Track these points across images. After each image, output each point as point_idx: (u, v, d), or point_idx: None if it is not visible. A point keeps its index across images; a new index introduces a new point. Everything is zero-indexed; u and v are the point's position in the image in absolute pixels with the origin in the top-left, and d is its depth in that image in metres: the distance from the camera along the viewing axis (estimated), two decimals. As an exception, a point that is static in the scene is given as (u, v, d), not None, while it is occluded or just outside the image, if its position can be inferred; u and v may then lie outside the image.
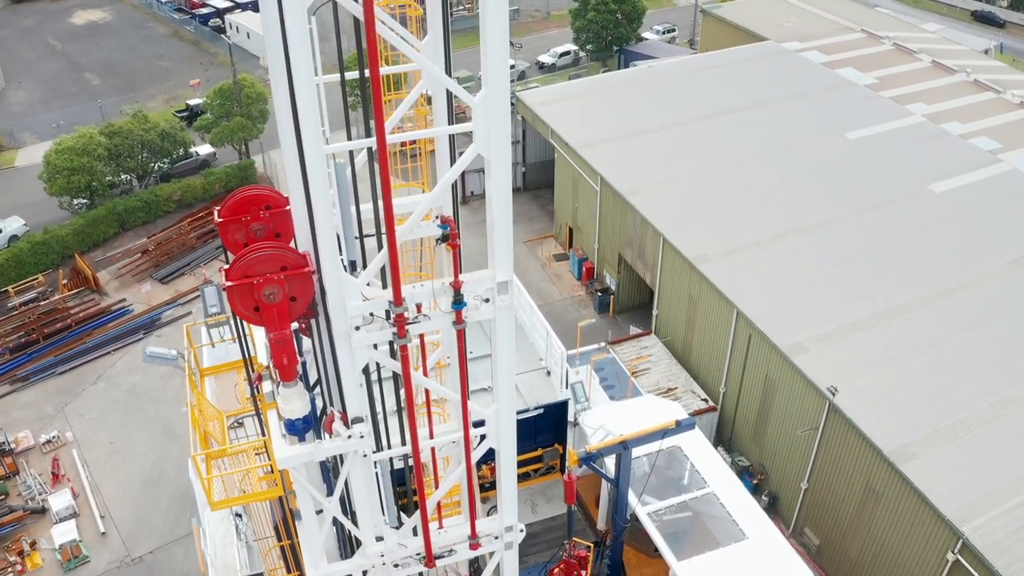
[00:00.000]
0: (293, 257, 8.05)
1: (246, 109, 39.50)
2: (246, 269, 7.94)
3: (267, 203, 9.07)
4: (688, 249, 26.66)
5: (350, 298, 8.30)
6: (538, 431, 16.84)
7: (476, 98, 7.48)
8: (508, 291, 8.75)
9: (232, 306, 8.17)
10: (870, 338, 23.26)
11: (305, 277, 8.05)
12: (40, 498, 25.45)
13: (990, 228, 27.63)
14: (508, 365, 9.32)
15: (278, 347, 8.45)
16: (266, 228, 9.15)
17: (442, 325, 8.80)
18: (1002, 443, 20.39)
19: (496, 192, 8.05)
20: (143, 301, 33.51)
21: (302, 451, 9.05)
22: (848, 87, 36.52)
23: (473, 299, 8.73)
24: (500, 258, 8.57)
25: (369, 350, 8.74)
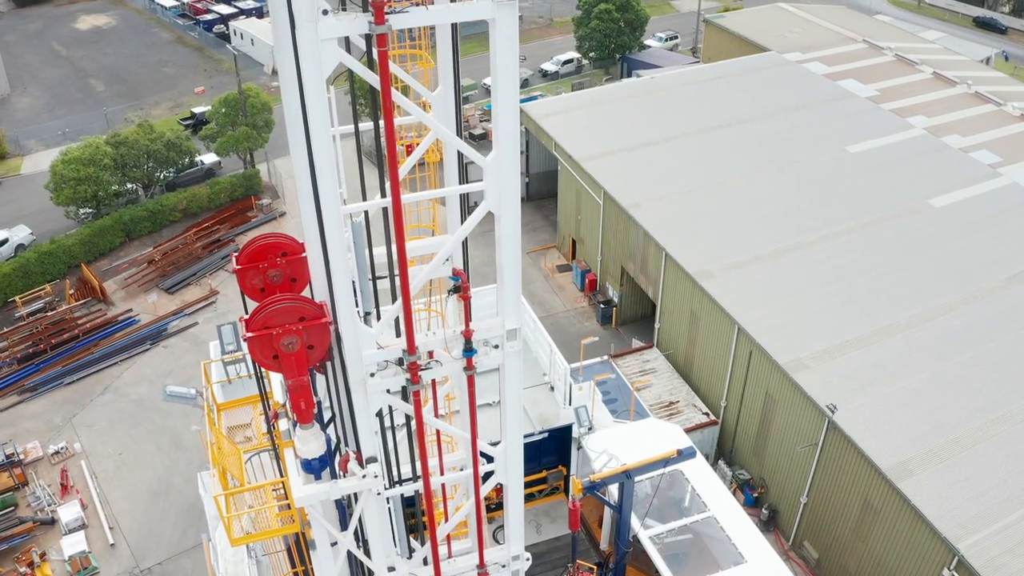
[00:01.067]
0: (311, 308, 8.35)
1: (251, 119, 39.79)
2: (266, 320, 8.26)
3: (283, 250, 9.39)
4: (690, 265, 26.95)
5: (365, 347, 8.61)
6: (543, 453, 17.16)
7: (487, 159, 7.79)
8: (517, 337, 9.06)
9: (252, 354, 8.48)
10: (869, 355, 23.56)
11: (322, 327, 8.36)
12: (49, 509, 25.80)
13: (989, 243, 27.91)
14: (516, 406, 9.63)
15: (296, 393, 8.76)
16: (282, 274, 9.47)
17: (453, 371, 9.11)
18: (997, 461, 20.71)
19: (505, 245, 8.36)
20: (149, 311, 33.83)
21: (319, 490, 9.38)
22: (849, 99, 36.76)
23: (483, 346, 9.04)
24: (509, 307, 8.88)
25: (383, 394, 9.06)
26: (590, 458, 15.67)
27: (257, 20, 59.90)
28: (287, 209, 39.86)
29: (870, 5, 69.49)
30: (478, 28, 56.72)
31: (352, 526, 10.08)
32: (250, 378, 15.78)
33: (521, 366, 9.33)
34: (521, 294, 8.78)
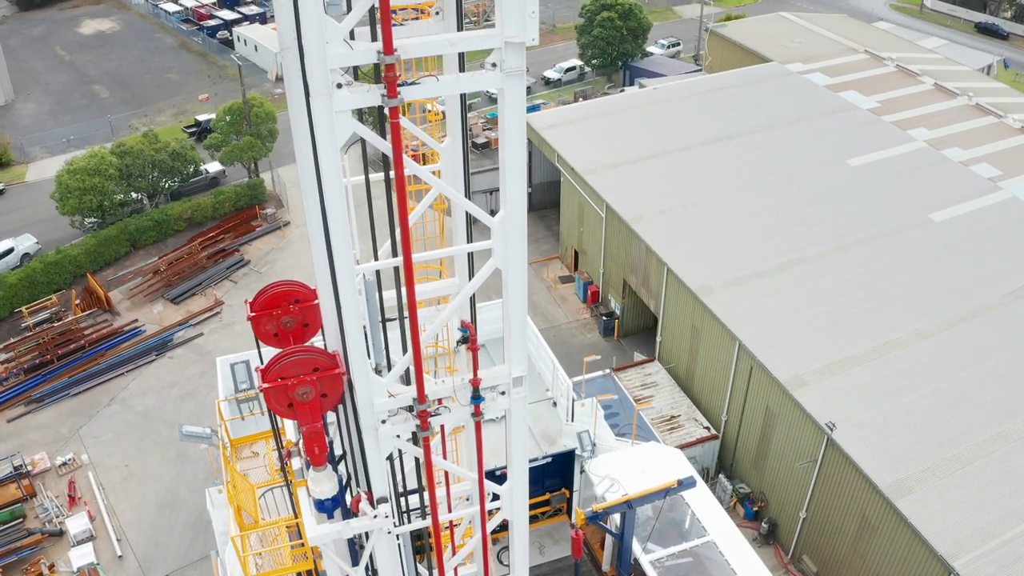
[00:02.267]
0: (324, 360, 8.61)
1: (255, 128, 40.02)
2: (281, 372, 8.53)
3: (296, 297, 9.66)
4: (691, 280, 27.19)
5: (377, 396, 8.88)
6: (546, 476, 17.46)
7: (495, 219, 8.05)
8: (523, 384, 9.32)
9: (268, 403, 8.75)
10: (868, 372, 23.82)
11: (336, 378, 8.62)
12: (57, 521, 26.13)
13: (988, 259, 28.13)
14: (522, 448, 9.90)
15: (310, 439, 9.04)
16: (295, 320, 9.73)
17: (462, 417, 9.39)
18: (993, 479, 20.99)
19: (512, 299, 8.63)
20: (155, 321, 34.13)
21: (332, 529, 9.66)
22: (851, 111, 36.94)
23: (490, 392, 9.31)
24: (515, 356, 9.15)
25: (394, 439, 9.33)
26: (593, 482, 15.96)
27: (260, 26, 60.07)
28: (291, 218, 40.12)
29: (872, 11, 69.62)
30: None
31: (363, 562, 10.36)
32: (262, 414, 16.05)
33: (526, 411, 9.60)
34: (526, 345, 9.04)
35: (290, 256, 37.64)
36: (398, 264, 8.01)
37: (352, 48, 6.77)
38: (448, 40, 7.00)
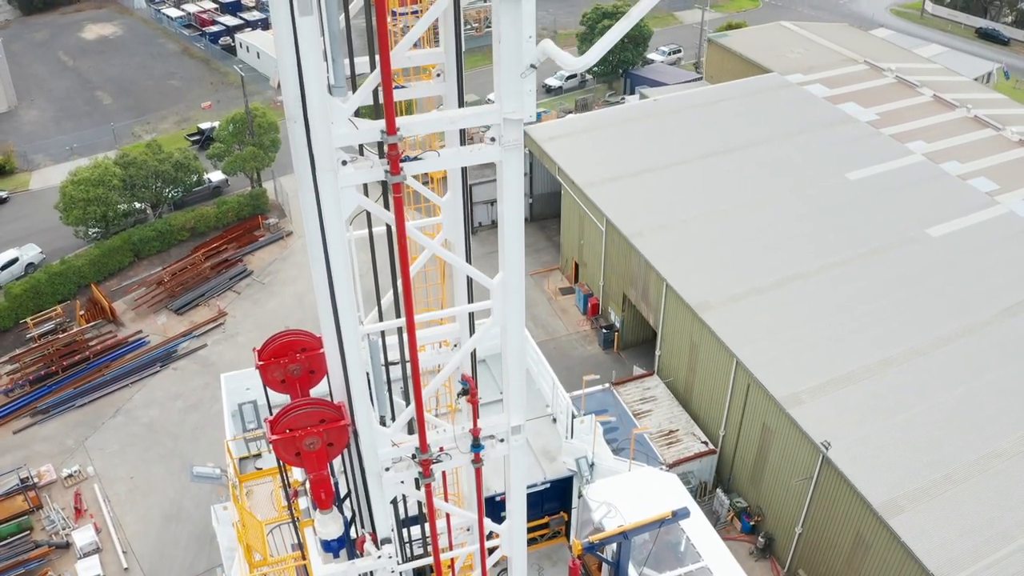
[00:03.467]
0: (331, 412, 8.94)
1: (258, 139, 40.29)
2: (289, 424, 8.86)
3: (302, 347, 9.97)
4: (690, 296, 27.47)
5: (381, 446, 9.21)
6: (545, 500, 17.79)
7: (494, 281, 8.35)
8: (521, 432, 9.64)
9: (276, 453, 9.10)
10: (864, 389, 24.11)
11: (341, 429, 8.95)
12: (64, 533, 26.50)
13: (984, 274, 28.38)
14: (520, 493, 10.22)
15: (317, 485, 9.38)
16: (302, 368, 10.05)
17: (462, 463, 9.71)
18: (985, 497, 21.29)
19: (511, 355, 8.94)
20: (159, 332, 34.46)
21: (338, 569, 10.00)
22: (850, 123, 37.15)
23: (489, 440, 9.63)
24: (514, 405, 9.46)
25: (397, 485, 9.66)
26: (591, 508, 16.29)
27: (263, 33, 60.25)
28: (294, 228, 40.41)
29: (872, 16, 69.72)
30: (481, 42, 56.91)
31: (366, 598, 10.69)
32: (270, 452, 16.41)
33: (524, 459, 9.93)
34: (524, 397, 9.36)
35: (292, 267, 37.94)
36: (401, 325, 8.31)
37: (357, 127, 7.06)
38: (448, 118, 7.28)
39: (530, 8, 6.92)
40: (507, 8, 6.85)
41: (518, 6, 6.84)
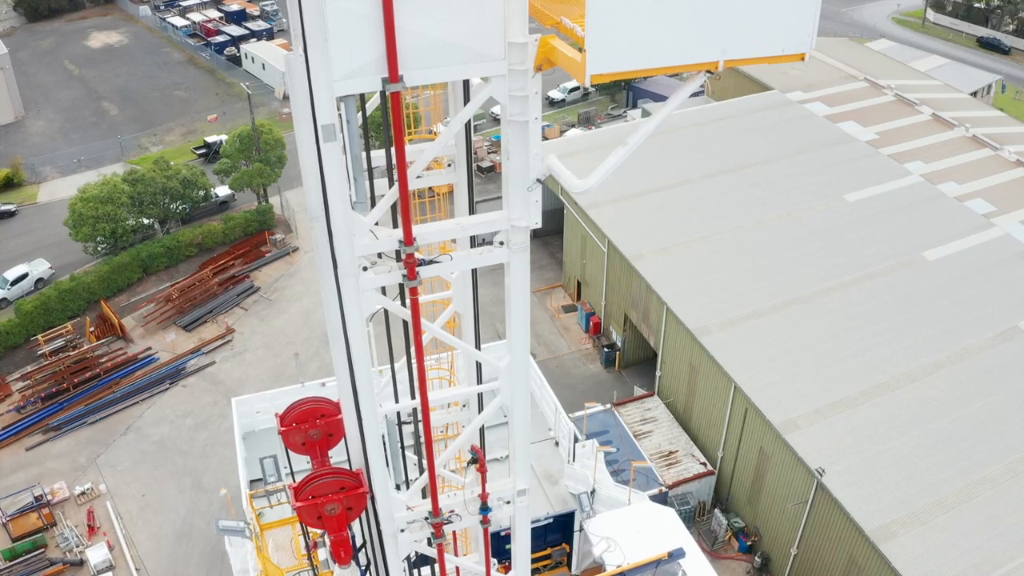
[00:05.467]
0: (350, 480, 9.54)
1: (265, 155, 40.82)
2: (312, 492, 9.48)
3: (322, 413, 10.56)
4: (690, 320, 28.03)
5: (396, 510, 9.81)
6: (548, 533, 18.42)
7: (502, 364, 8.93)
8: (526, 494, 10.23)
9: (300, 518, 9.73)
10: (859, 415, 24.69)
11: (360, 496, 9.55)
12: (78, 550, 27.18)
13: (979, 299, 28.89)
14: (526, 549, 10.81)
15: (337, 545, 10.00)
16: (321, 432, 10.65)
17: (471, 523, 10.31)
18: (977, 523, 21.88)
19: (516, 426, 9.53)
20: (168, 349, 35.09)
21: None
22: (849, 143, 37.61)
23: (497, 502, 10.23)
24: (520, 470, 10.05)
25: (411, 543, 10.26)
26: (592, 542, 16.91)
27: (267, 43, 60.67)
28: (300, 244, 40.99)
29: (875, 25, 70.01)
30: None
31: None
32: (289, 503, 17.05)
33: (529, 517, 10.53)
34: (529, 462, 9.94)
35: (299, 283, 38.54)
36: (416, 406, 8.90)
37: (377, 237, 7.61)
38: (461, 226, 7.84)
39: (536, 129, 7.46)
40: (515, 129, 7.40)
41: (525, 128, 7.38)
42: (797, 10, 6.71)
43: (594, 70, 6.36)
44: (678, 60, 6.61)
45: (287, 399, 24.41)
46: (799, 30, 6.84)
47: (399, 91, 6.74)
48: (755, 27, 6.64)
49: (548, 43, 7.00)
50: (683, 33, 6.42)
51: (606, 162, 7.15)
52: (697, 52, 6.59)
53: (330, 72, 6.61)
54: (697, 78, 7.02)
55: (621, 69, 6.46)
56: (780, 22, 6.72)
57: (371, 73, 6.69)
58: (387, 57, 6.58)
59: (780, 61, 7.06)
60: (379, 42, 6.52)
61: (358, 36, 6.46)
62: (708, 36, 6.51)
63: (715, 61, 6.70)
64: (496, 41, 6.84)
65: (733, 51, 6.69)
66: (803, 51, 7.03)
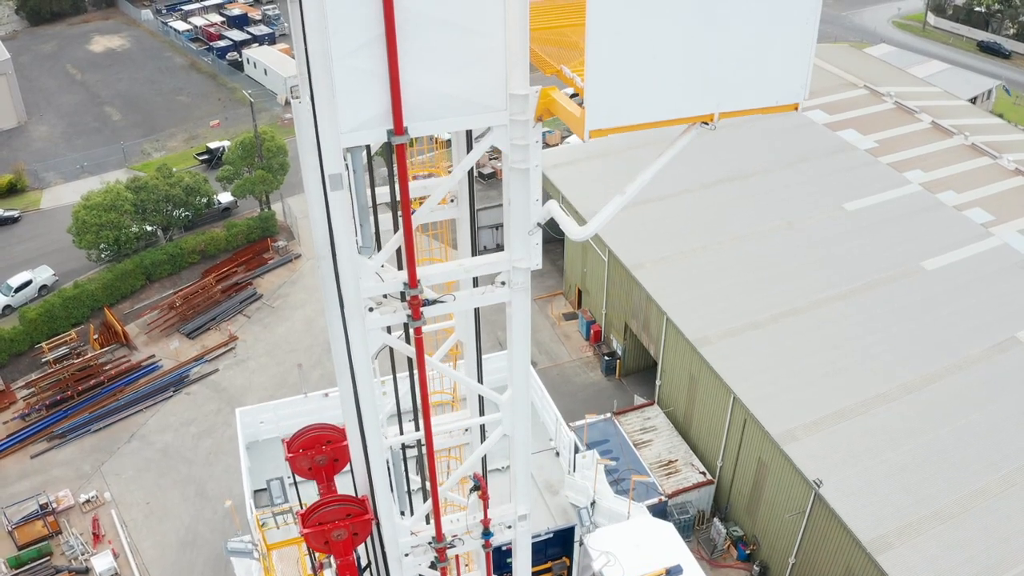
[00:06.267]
0: (356, 508, 9.79)
1: (267, 162, 41.04)
2: (319, 518, 9.74)
3: (328, 439, 10.82)
4: (689, 330, 28.24)
5: (401, 536, 10.06)
6: (548, 547, 18.68)
7: (503, 397, 9.16)
8: (527, 519, 10.47)
9: (307, 542, 9.99)
10: (856, 426, 24.90)
11: (366, 522, 9.80)
12: (83, 558, 27.45)
13: (977, 309, 29.08)
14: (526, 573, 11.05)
15: (343, 568, 10.25)
16: (327, 458, 10.91)
17: (473, 547, 10.55)
18: (971, 535, 22.10)
19: (517, 455, 9.76)
20: (171, 357, 35.34)
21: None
22: (849, 152, 37.78)
23: (498, 526, 10.46)
24: (520, 495, 10.29)
25: (416, 567, 10.51)
26: (591, 556, 17.16)
27: (270, 48, 60.86)
28: (302, 251, 41.22)
29: (875, 30, 70.13)
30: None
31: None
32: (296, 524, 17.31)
33: (529, 540, 10.77)
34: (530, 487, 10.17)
35: (302, 290, 38.78)
36: (420, 438, 9.14)
37: (383, 279, 7.84)
38: (464, 267, 8.07)
39: (536, 176, 7.68)
40: (516, 176, 7.62)
41: (526, 175, 7.61)
42: (789, 64, 6.93)
43: (593, 126, 6.58)
44: (675, 114, 6.83)
45: (290, 410, 25.04)
46: (792, 82, 7.06)
47: (404, 143, 6.97)
48: (749, 80, 6.86)
49: (548, 95, 7.22)
50: (679, 89, 6.64)
51: (603, 211, 7.38)
52: (693, 106, 6.82)
53: (337, 125, 6.83)
54: (692, 130, 7.24)
55: (619, 124, 6.68)
56: (773, 75, 6.94)
57: (377, 125, 6.91)
58: (392, 111, 6.80)
59: (774, 111, 7.29)
60: (384, 96, 6.75)
61: (364, 91, 6.69)
62: (704, 91, 6.73)
63: (711, 114, 6.93)
64: (498, 93, 7.06)
65: (728, 104, 6.91)
66: (796, 101, 7.26)
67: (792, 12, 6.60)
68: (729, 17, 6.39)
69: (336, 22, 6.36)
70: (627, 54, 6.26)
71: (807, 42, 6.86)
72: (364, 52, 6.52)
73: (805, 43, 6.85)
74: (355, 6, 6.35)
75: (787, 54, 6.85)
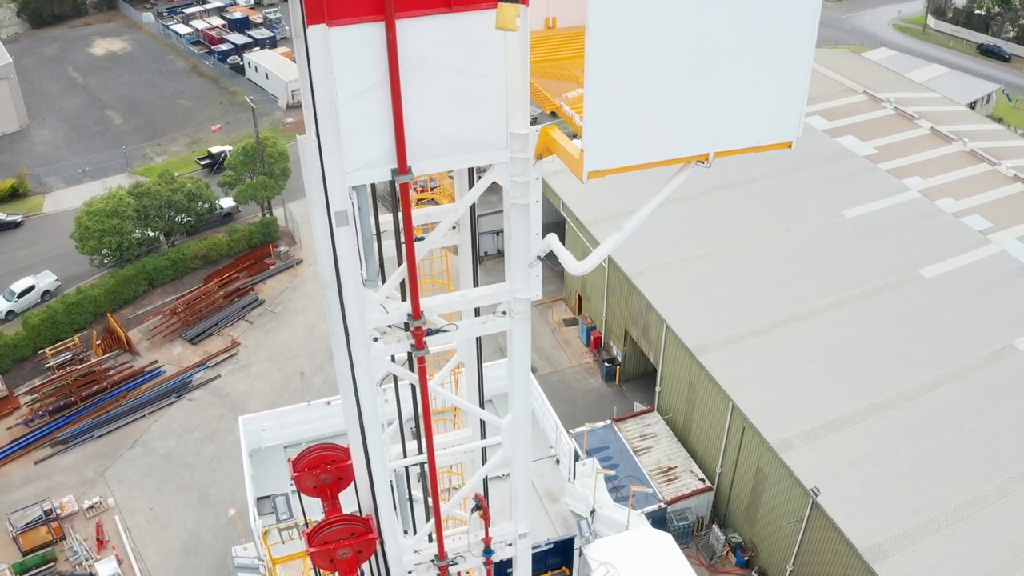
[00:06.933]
0: (361, 527, 10.00)
1: (269, 168, 41.23)
2: (325, 537, 9.95)
3: (332, 459, 11.02)
4: (689, 338, 28.44)
5: (404, 554, 10.27)
6: (548, 557, 18.90)
7: (504, 421, 9.37)
8: (527, 537, 10.68)
9: (313, 561, 10.21)
10: (854, 435, 25.10)
11: (370, 541, 10.01)
12: (87, 564, 27.68)
13: (975, 317, 29.25)
14: (528, 587, 11.27)
15: (344, 588, 10.45)
16: (332, 476, 11.11)
17: (475, 564, 10.76)
18: (968, 543, 22.31)
19: (518, 475, 9.96)
20: (174, 362, 35.56)
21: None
22: (848, 158, 37.94)
23: (499, 544, 10.67)
24: (521, 514, 10.49)
25: (417, 583, 10.74)
26: (591, 567, 17.38)
27: (271, 52, 61.01)
28: (304, 256, 41.42)
29: (875, 33, 70.21)
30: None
31: None
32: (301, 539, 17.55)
33: (529, 556, 10.98)
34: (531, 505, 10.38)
35: (303, 296, 38.99)
36: (423, 461, 9.35)
37: (387, 311, 8.04)
38: (466, 298, 8.27)
39: (536, 211, 7.87)
40: (517, 211, 7.82)
41: (527, 210, 7.80)
42: (783, 105, 7.12)
43: (591, 167, 6.77)
44: (671, 155, 7.02)
45: (293, 417, 25.24)
46: (786, 121, 7.26)
47: (407, 181, 7.16)
48: (744, 121, 7.05)
49: (548, 134, 7.41)
50: (676, 131, 6.83)
51: (601, 247, 7.57)
52: (690, 146, 7.01)
53: (343, 164, 7.02)
54: (688, 168, 7.43)
55: (616, 166, 6.87)
56: (768, 116, 7.13)
57: (381, 165, 7.10)
58: (396, 151, 6.99)
59: (768, 149, 7.48)
60: (389, 137, 6.94)
61: (369, 133, 6.88)
62: (700, 132, 6.92)
63: (706, 153, 7.12)
64: (499, 132, 7.25)
65: (723, 144, 7.10)
66: (790, 139, 7.45)
67: (785, 57, 6.78)
68: (724, 62, 6.57)
69: (341, 67, 6.55)
70: (625, 99, 6.44)
71: (800, 84, 7.05)
72: (369, 95, 6.71)
73: (798, 85, 7.04)
74: (360, 51, 6.53)
75: (781, 96, 7.04)
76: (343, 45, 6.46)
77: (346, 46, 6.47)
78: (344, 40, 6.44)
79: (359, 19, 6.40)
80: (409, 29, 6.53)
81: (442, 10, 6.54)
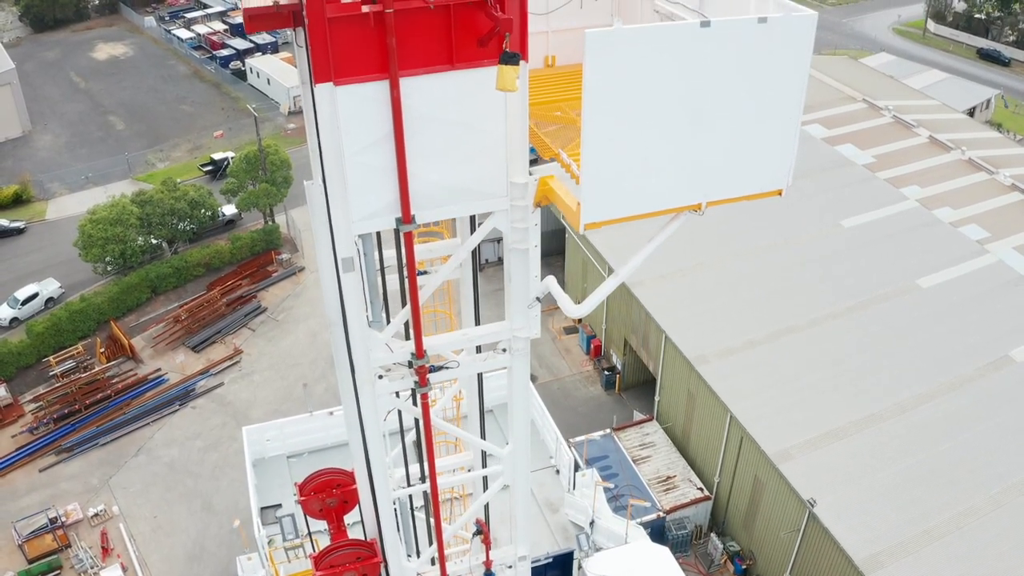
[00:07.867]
0: (366, 551, 10.31)
1: (271, 175, 41.50)
2: (332, 561, 10.25)
3: (337, 483, 11.33)
4: (688, 348, 28.69)
5: (406, 578, 10.58)
6: (548, 570, 19.19)
7: (504, 451, 9.64)
8: (527, 560, 10.97)
9: (319, 584, 10.50)
10: (851, 445, 25.36)
11: (375, 565, 10.30)
12: (92, 572, 27.99)
13: (971, 327, 29.48)
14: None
15: (349, 610, 10.74)
16: (337, 500, 11.41)
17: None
18: (961, 554, 22.57)
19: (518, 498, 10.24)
20: (177, 370, 35.84)
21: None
22: (847, 167, 38.16)
23: (499, 568, 10.96)
24: (521, 538, 10.77)
25: (419, 607, 11.03)
26: (590, 580, 17.70)
27: (273, 57, 61.24)
28: (306, 264, 41.68)
29: (875, 37, 70.40)
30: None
31: None
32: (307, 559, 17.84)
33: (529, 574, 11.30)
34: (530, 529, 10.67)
35: (306, 303, 39.25)
36: (426, 490, 9.63)
37: (392, 350, 8.31)
38: (467, 336, 8.54)
39: (535, 255, 8.14)
40: (516, 255, 8.09)
41: (526, 255, 8.07)
42: (773, 155, 7.39)
43: (588, 220, 7.04)
44: (665, 205, 7.29)
45: (296, 428, 25.53)
46: (776, 170, 7.52)
47: (411, 230, 7.43)
48: (736, 172, 7.32)
49: (547, 184, 7.67)
50: (670, 183, 7.10)
51: (598, 291, 7.85)
52: (683, 197, 7.28)
53: (349, 214, 7.29)
54: (681, 217, 7.69)
55: (612, 217, 7.14)
56: (758, 166, 7.39)
57: (386, 214, 7.37)
58: (400, 201, 7.26)
59: (759, 198, 7.74)
60: (393, 189, 7.21)
61: (375, 184, 7.15)
62: (693, 183, 7.19)
63: (699, 203, 7.39)
64: (499, 181, 7.52)
65: (716, 194, 7.37)
66: (780, 188, 7.71)
67: (774, 111, 7.05)
68: (716, 119, 6.84)
69: (347, 123, 6.82)
70: (621, 155, 6.71)
71: (790, 135, 7.32)
72: (374, 150, 6.97)
73: (787, 137, 7.31)
74: (365, 108, 6.80)
75: (771, 147, 7.31)
76: (349, 102, 6.73)
77: (352, 103, 6.74)
78: (350, 98, 6.71)
79: (364, 78, 6.67)
80: (412, 87, 6.79)
81: (444, 68, 6.80)
